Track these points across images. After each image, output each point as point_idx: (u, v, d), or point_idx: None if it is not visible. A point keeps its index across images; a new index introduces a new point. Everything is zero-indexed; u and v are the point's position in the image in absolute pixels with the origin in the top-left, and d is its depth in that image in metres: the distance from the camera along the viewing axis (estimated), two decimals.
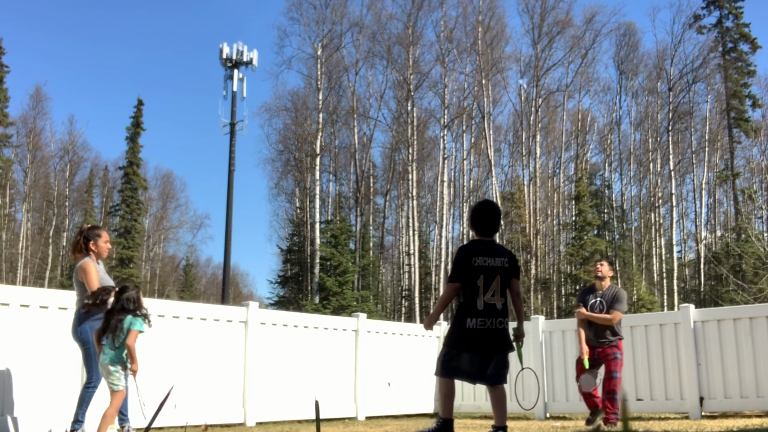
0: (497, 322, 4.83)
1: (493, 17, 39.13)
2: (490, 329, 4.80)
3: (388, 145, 42.58)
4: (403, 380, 10.58)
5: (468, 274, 4.81)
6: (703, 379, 8.78)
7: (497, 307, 4.85)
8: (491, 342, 4.82)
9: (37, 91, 47.10)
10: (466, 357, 4.86)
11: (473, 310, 4.79)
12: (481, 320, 4.78)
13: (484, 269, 4.82)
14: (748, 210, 35.38)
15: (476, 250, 4.88)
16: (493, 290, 4.83)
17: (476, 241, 5.03)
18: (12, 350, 6.44)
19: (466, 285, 4.84)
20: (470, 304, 4.80)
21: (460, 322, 4.83)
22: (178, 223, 56.69)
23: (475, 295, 4.79)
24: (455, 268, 4.95)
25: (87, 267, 6.01)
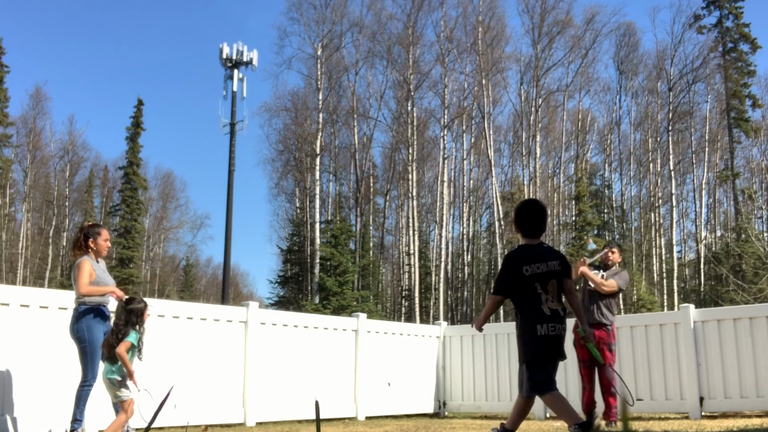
0: (561, 328, 4.71)
1: (493, 17, 39.17)
2: (557, 336, 4.67)
3: (388, 145, 42.63)
4: (403, 380, 10.58)
5: (521, 283, 4.67)
6: (703, 379, 8.78)
7: (560, 313, 4.72)
8: (559, 348, 4.71)
9: (37, 91, 47.15)
10: (548, 366, 4.71)
11: (542, 316, 4.63)
12: (551, 326, 4.64)
13: (538, 276, 4.67)
14: (748, 210, 35.37)
15: (525, 258, 4.72)
16: (551, 296, 4.69)
17: (524, 246, 4.87)
18: (12, 350, 6.44)
19: (524, 295, 4.68)
20: (536, 311, 4.64)
21: (530, 330, 4.64)
22: (178, 223, 56.74)
23: (539, 302, 4.64)
24: (500, 278, 4.81)
25: (80, 265, 6.00)
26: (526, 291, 4.65)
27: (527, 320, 4.66)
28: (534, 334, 4.60)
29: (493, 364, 10.61)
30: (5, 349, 6.39)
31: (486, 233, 44.70)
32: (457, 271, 41.53)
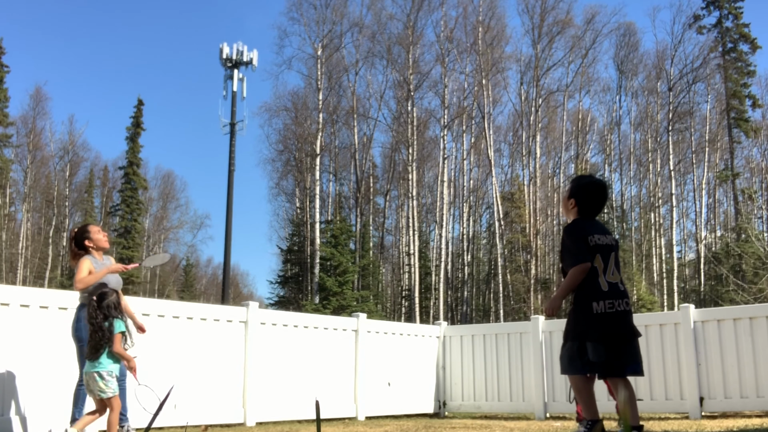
0: (624, 303, 4.41)
1: (493, 17, 39.17)
2: (618, 312, 4.35)
3: (388, 145, 42.64)
4: (403, 380, 10.58)
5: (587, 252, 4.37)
6: (703, 379, 8.78)
7: (620, 287, 4.42)
8: (622, 327, 4.38)
9: (37, 91, 47.17)
10: (596, 347, 4.34)
11: (598, 292, 4.32)
12: (609, 302, 4.32)
13: (600, 247, 4.41)
14: (748, 210, 35.38)
15: (590, 229, 4.46)
16: (612, 269, 4.40)
17: (583, 219, 4.58)
18: (12, 350, 6.44)
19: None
20: (593, 285, 4.33)
21: (584, 307, 4.34)
22: (178, 223, 56.75)
23: (596, 276, 4.34)
24: (576, 247, 4.43)
25: (79, 263, 6.04)
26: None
27: (582, 295, 4.40)
28: (588, 312, 4.33)
29: (493, 364, 10.61)
30: (5, 349, 6.39)
31: (486, 233, 44.71)
32: (457, 271, 41.54)
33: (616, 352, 4.37)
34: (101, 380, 5.45)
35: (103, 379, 5.46)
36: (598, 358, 4.34)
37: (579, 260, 4.39)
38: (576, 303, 4.42)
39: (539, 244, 38.05)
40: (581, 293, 4.38)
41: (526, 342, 10.22)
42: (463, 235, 40.77)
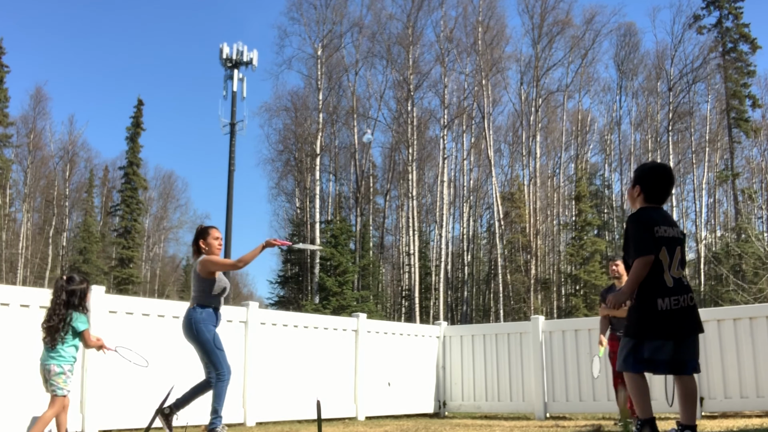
0: (689, 298, 4.21)
1: (493, 17, 39.19)
2: (683, 308, 4.16)
3: (388, 145, 42.64)
4: (403, 380, 10.57)
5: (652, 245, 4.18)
6: (703, 379, 8.77)
7: (684, 282, 4.25)
8: (687, 323, 4.19)
9: (37, 91, 47.15)
10: (660, 344, 4.20)
11: (663, 288, 4.14)
12: (674, 299, 4.14)
13: (666, 240, 4.20)
14: (748, 210, 35.38)
15: (656, 219, 4.25)
16: (677, 264, 4.21)
17: (650, 208, 4.35)
18: (12, 350, 6.44)
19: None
20: (657, 281, 4.15)
21: (648, 303, 4.15)
22: (178, 223, 56.72)
23: (661, 271, 4.15)
24: (641, 238, 4.20)
25: (205, 260, 6.07)
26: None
27: (646, 291, 4.20)
28: (653, 308, 4.15)
29: (493, 364, 10.61)
30: (5, 349, 6.39)
31: (486, 233, 44.71)
32: (457, 271, 41.54)
33: (678, 349, 4.25)
34: (61, 375, 5.23)
35: (63, 374, 5.24)
36: (664, 356, 4.26)
37: (643, 252, 4.17)
38: (639, 299, 4.23)
39: (539, 244, 38.05)
40: (645, 289, 4.19)
41: (526, 342, 10.22)
42: (463, 235, 40.77)
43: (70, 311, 5.33)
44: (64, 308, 5.31)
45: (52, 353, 5.25)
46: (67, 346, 5.30)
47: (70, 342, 5.32)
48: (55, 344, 5.24)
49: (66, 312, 5.31)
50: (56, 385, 5.22)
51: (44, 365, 5.26)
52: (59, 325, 5.26)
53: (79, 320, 5.35)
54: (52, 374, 5.21)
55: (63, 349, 5.27)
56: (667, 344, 4.20)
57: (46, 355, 5.28)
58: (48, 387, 5.26)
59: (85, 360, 6.90)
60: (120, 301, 7.70)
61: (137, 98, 46.97)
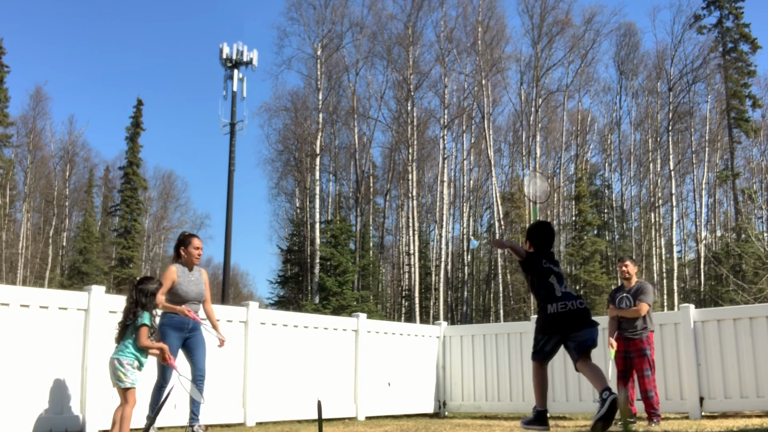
0: (578, 303, 5.34)
1: (493, 17, 39.16)
2: (571, 310, 5.29)
3: (388, 145, 42.62)
4: (403, 380, 10.57)
5: (541, 272, 5.42)
6: (703, 379, 8.78)
7: (573, 293, 5.42)
8: (577, 319, 5.29)
9: (37, 91, 47.12)
10: (550, 338, 5.38)
11: (553, 297, 5.31)
12: (562, 304, 5.29)
13: (553, 271, 5.45)
14: (748, 210, 35.36)
15: (544, 256, 5.53)
16: (564, 285, 5.43)
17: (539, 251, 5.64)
18: (12, 350, 6.44)
19: (541, 281, 5.41)
20: (549, 294, 5.34)
21: (543, 310, 5.36)
22: (178, 223, 56.68)
23: (552, 289, 5.34)
24: (531, 258, 5.55)
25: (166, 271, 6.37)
26: (543, 279, 5.41)
27: (542, 301, 5.40)
28: (546, 312, 5.32)
29: (493, 364, 10.61)
30: (5, 349, 6.39)
31: (486, 233, 44.70)
32: (457, 271, 41.53)
33: (573, 334, 5.29)
34: (121, 368, 5.44)
35: (122, 366, 5.44)
36: (551, 348, 5.38)
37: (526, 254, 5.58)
38: (539, 306, 5.42)
39: None
40: (541, 299, 5.40)
41: (526, 342, 10.22)
42: (463, 235, 40.76)
43: (139, 309, 5.57)
44: (136, 307, 5.58)
45: (119, 348, 5.54)
46: (131, 342, 5.53)
47: (133, 338, 5.55)
48: (122, 340, 5.53)
49: (137, 310, 5.57)
50: (120, 379, 5.45)
51: (110, 360, 5.55)
52: (128, 323, 5.55)
53: (141, 317, 5.57)
54: (115, 368, 5.47)
55: (126, 345, 5.52)
56: (554, 337, 5.35)
57: (114, 351, 5.58)
58: (113, 381, 5.53)
59: (85, 359, 6.90)
60: (120, 301, 7.66)
61: (137, 98, 46.98)
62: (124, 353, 5.49)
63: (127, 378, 5.43)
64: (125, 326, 5.56)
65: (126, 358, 5.47)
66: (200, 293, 6.55)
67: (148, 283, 5.74)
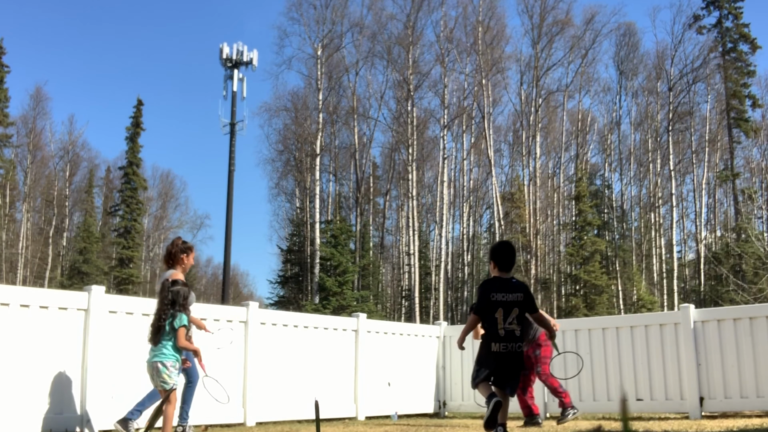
0: (516, 346, 5.56)
1: (493, 17, 39.17)
2: (510, 352, 5.52)
3: (388, 145, 42.63)
4: (403, 380, 10.57)
5: (488, 307, 5.55)
6: (703, 379, 8.77)
7: (516, 333, 5.56)
8: (512, 363, 5.56)
9: (37, 91, 47.15)
10: (490, 372, 5.57)
11: (496, 336, 5.52)
12: (503, 345, 5.50)
13: (503, 303, 5.55)
14: (748, 210, 35.36)
15: (495, 287, 5.63)
16: (512, 319, 5.53)
17: (496, 278, 5.73)
18: (12, 350, 6.44)
19: (487, 316, 5.57)
20: (493, 331, 5.54)
21: (487, 345, 5.58)
22: (178, 223, 56.72)
23: (496, 325, 5.52)
24: (478, 301, 5.70)
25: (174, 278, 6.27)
26: (489, 314, 5.57)
27: (486, 337, 5.61)
28: (489, 349, 5.55)
29: None
30: (5, 349, 6.39)
31: (486, 233, 44.71)
32: (457, 271, 41.53)
33: (504, 377, 5.58)
34: (165, 370, 5.56)
35: (167, 369, 5.57)
36: (487, 377, 5.58)
37: (474, 311, 5.75)
38: (483, 342, 5.67)
39: (539, 244, 38.06)
40: (486, 336, 5.61)
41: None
42: (463, 235, 40.77)
43: (173, 311, 5.67)
44: (170, 308, 5.67)
45: (155, 350, 5.62)
46: (169, 344, 5.63)
47: (170, 339, 5.65)
48: (158, 342, 5.60)
49: (171, 311, 5.67)
50: (165, 381, 5.58)
51: (151, 363, 5.63)
52: (164, 323, 5.63)
53: (178, 318, 5.68)
54: (159, 371, 5.57)
55: (165, 347, 5.61)
56: (495, 374, 5.58)
57: (151, 353, 5.65)
58: (156, 383, 5.64)
59: (85, 359, 6.90)
60: (120, 301, 7.69)
61: (137, 98, 46.99)
62: (166, 355, 5.61)
63: (171, 379, 5.60)
64: (159, 327, 5.65)
65: (169, 360, 5.60)
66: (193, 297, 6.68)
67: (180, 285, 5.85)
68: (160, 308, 5.72)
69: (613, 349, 9.47)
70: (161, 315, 5.68)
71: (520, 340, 5.65)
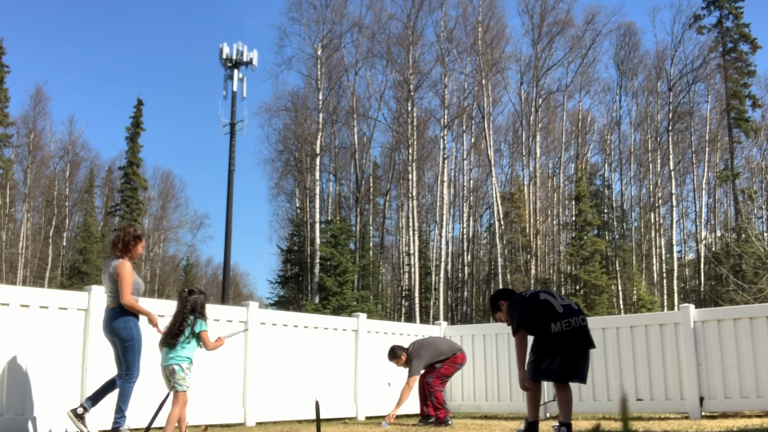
0: (580, 319, 5.30)
1: (493, 17, 39.17)
2: (575, 328, 5.26)
3: (388, 145, 42.62)
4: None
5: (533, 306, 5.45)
6: (703, 379, 8.77)
7: (573, 306, 5.37)
8: (579, 342, 5.29)
9: (37, 91, 47.13)
10: (551, 359, 5.33)
11: (554, 314, 5.30)
12: (565, 322, 5.25)
13: (548, 293, 5.56)
14: (748, 210, 35.35)
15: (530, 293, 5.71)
16: (564, 296, 5.49)
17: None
18: (12, 350, 6.44)
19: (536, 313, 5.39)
20: (549, 313, 5.33)
21: (545, 330, 5.34)
22: (178, 223, 56.69)
23: (550, 307, 5.36)
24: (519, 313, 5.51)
25: (123, 268, 6.24)
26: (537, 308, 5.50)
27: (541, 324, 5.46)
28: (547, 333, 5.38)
29: (493, 364, 10.61)
30: (5, 349, 6.39)
31: (486, 233, 44.69)
32: (457, 271, 41.53)
33: (572, 361, 5.26)
34: (181, 372, 5.74)
35: (183, 371, 5.75)
36: (554, 366, 5.27)
37: (519, 322, 5.52)
38: (538, 330, 5.45)
39: (539, 244, 38.05)
40: (539, 325, 5.41)
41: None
42: (463, 235, 40.76)
43: (192, 317, 5.90)
44: (189, 315, 5.90)
45: (171, 354, 5.80)
46: (184, 348, 5.83)
47: (187, 344, 5.84)
48: (175, 346, 5.79)
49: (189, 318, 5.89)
50: (177, 382, 5.76)
51: (166, 367, 5.81)
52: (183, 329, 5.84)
53: (198, 324, 5.92)
54: (174, 373, 5.76)
55: (180, 350, 5.81)
56: (557, 358, 5.25)
57: (165, 357, 5.83)
58: (170, 385, 5.81)
59: (85, 359, 6.91)
60: None
61: (137, 98, 47.04)
62: (182, 358, 5.80)
63: (185, 382, 5.78)
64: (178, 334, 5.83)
65: (185, 362, 5.79)
66: (143, 287, 6.63)
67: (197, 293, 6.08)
68: (180, 316, 5.92)
69: (613, 349, 9.47)
70: (182, 322, 5.87)
71: (581, 312, 5.35)
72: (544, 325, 5.26)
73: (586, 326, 5.32)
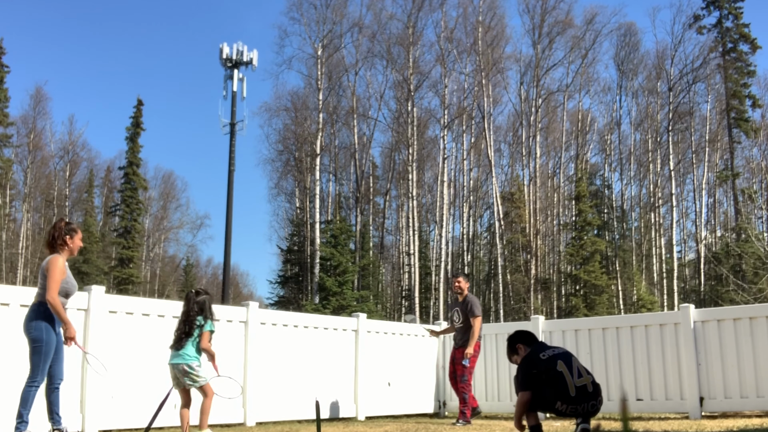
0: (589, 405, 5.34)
1: (494, 17, 39.16)
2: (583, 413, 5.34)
3: (388, 145, 42.61)
4: (403, 380, 10.57)
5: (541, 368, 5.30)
6: (703, 379, 8.77)
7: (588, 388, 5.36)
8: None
9: (37, 91, 47.11)
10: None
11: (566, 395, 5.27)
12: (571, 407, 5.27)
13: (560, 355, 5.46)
14: (748, 210, 35.37)
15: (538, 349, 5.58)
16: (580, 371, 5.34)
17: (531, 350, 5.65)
18: (12, 350, 6.43)
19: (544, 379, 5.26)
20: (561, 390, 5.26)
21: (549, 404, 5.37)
22: (178, 223, 56.69)
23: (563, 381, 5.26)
24: (523, 373, 5.41)
25: (54, 263, 5.77)
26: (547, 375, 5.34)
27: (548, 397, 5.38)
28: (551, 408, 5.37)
29: (493, 364, 10.61)
30: (5, 349, 6.39)
31: (486, 233, 44.69)
32: (457, 271, 41.51)
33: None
34: (192, 371, 5.91)
35: (193, 369, 5.91)
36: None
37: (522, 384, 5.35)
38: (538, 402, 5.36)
39: (539, 244, 38.05)
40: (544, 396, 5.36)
41: None
42: (463, 235, 40.76)
43: (199, 318, 6.07)
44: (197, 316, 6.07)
45: (179, 354, 5.97)
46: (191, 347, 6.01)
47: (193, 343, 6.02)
48: (183, 346, 5.96)
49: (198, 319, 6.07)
50: (194, 380, 5.95)
51: (176, 366, 5.98)
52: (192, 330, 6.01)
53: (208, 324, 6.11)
54: (187, 372, 5.93)
55: (187, 350, 5.98)
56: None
57: (175, 357, 5.99)
58: (186, 384, 5.97)
59: (85, 360, 6.90)
60: (120, 301, 7.70)
61: (137, 98, 47.01)
62: (191, 357, 5.96)
63: (200, 377, 5.94)
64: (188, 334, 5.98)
65: (194, 361, 5.95)
66: (75, 289, 6.11)
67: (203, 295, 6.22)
68: (189, 317, 6.05)
69: (613, 349, 9.47)
70: (191, 323, 6.01)
71: (596, 395, 5.20)
72: (550, 398, 5.17)
73: (596, 411, 5.26)
